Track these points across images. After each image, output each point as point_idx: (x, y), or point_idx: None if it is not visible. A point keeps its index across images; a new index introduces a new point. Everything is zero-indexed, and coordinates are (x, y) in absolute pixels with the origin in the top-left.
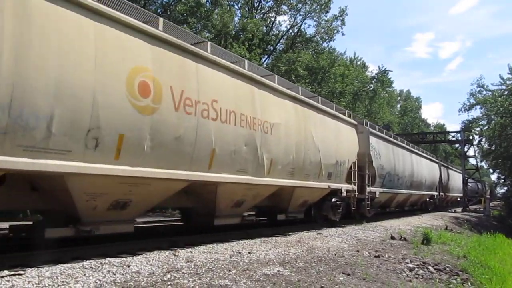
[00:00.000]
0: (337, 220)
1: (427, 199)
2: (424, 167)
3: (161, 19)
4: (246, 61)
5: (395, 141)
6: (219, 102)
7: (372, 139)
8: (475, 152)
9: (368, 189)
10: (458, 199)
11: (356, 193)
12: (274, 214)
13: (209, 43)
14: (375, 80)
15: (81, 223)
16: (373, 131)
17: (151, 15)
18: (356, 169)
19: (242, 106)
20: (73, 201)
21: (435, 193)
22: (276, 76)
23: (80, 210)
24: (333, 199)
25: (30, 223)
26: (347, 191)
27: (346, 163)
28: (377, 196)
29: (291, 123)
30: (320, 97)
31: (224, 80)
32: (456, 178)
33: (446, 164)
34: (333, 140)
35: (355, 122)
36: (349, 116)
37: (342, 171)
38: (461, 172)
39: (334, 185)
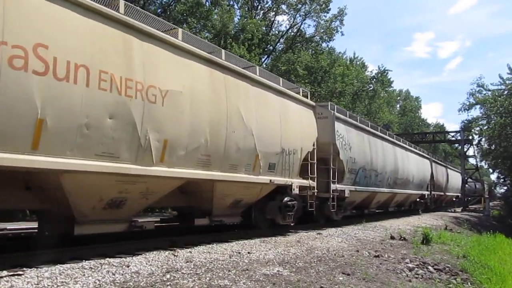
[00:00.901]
0: (291, 224)
1: (417, 199)
2: (412, 163)
3: None
4: (123, 1)
5: (372, 130)
6: (51, 49)
7: (339, 126)
8: (474, 152)
9: (333, 186)
10: (454, 199)
11: (315, 191)
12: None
13: None
14: (374, 80)
15: None
16: (341, 116)
17: None
18: (315, 162)
19: (104, 60)
20: None
21: (426, 193)
22: (180, 30)
23: None
24: (285, 199)
25: None
26: (301, 188)
27: (298, 153)
28: (346, 195)
29: (202, 94)
30: (258, 67)
31: (67, 19)
32: (452, 176)
33: (442, 162)
34: (276, 123)
35: (312, 103)
36: (306, 96)
37: (292, 162)
38: (456, 170)
39: (279, 180)
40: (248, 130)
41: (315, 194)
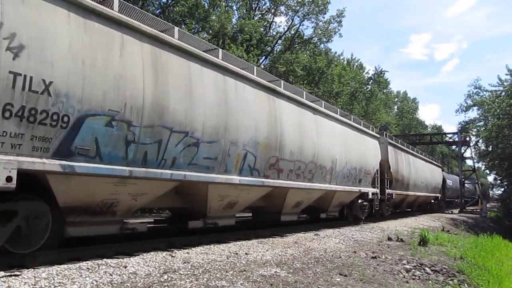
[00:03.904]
0: None
1: (358, 200)
2: (330, 137)
3: None
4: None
5: (222, 63)
6: None
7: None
8: (472, 153)
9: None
10: (433, 200)
11: None
12: None
13: None
14: (371, 80)
15: None
16: None
17: None
18: None
19: None
20: None
21: (371, 190)
22: None
23: None
24: None
25: None
26: None
27: None
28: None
29: None
30: None
31: None
32: (425, 170)
33: (410, 149)
34: None
35: None
36: None
37: None
38: (435, 163)
39: None
40: None
41: None
